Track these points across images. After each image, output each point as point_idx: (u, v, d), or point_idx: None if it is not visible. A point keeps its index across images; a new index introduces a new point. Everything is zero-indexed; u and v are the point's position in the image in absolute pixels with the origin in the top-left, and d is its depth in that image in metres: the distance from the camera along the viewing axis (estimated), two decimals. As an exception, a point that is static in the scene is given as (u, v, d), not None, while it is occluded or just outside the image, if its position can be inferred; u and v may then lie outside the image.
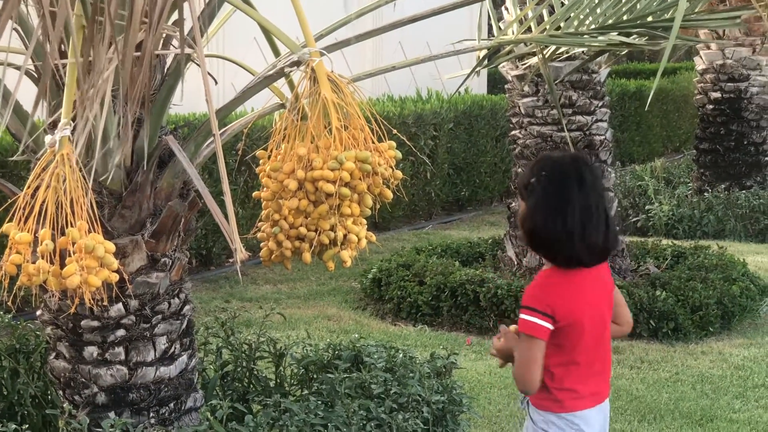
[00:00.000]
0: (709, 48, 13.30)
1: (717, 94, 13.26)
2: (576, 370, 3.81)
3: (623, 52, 7.86)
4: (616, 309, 3.97)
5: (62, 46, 3.90)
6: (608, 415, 3.99)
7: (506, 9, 8.89)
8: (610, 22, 5.33)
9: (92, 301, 3.58)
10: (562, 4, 5.98)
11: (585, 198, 3.70)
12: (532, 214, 3.74)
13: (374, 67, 5.62)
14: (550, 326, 3.67)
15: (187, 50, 3.94)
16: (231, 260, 10.44)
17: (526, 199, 3.78)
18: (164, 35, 3.91)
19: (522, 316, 3.71)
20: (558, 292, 3.72)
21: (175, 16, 3.88)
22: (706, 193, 12.92)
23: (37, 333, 5.19)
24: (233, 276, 10.01)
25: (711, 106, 13.35)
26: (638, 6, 5.28)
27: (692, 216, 12.31)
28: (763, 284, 9.21)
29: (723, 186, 13.02)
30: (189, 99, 5.89)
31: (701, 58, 13.48)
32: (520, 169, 9.13)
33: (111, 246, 3.55)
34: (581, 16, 5.38)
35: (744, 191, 12.72)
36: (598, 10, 5.37)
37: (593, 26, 5.38)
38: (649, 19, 5.25)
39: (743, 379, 7.06)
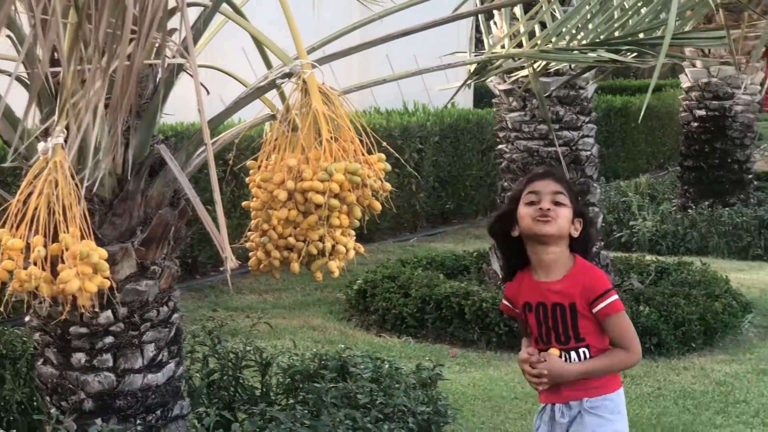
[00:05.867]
0: (694, 66, 13.38)
1: (702, 112, 13.34)
2: None
3: (610, 69, 7.91)
4: None
5: (55, 54, 3.92)
6: None
7: (495, 23, 8.94)
8: (602, 38, 5.38)
9: (85, 308, 3.60)
10: (554, 19, 6.03)
11: None
12: (590, 218, 4.07)
13: (361, 79, 5.66)
14: None
15: (179, 60, 3.97)
16: (220, 269, 10.45)
17: (579, 211, 4.00)
18: (156, 45, 3.94)
19: (614, 297, 3.91)
20: None
21: (169, 25, 3.92)
22: (690, 210, 12.98)
23: (24, 339, 5.20)
24: (219, 285, 10.02)
25: (696, 124, 13.42)
26: (630, 23, 5.33)
27: (676, 232, 12.37)
28: (745, 301, 9.26)
29: (707, 203, 13.08)
30: (177, 109, 5.93)
31: (687, 75, 13.56)
32: (506, 183, 9.16)
33: (104, 252, 3.58)
34: (573, 31, 5.43)
35: (727, 208, 12.78)
36: (590, 26, 5.42)
37: (584, 42, 5.43)
38: (641, 36, 5.30)
39: (725, 394, 7.10)
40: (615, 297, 3.90)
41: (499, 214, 4.13)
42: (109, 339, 4.29)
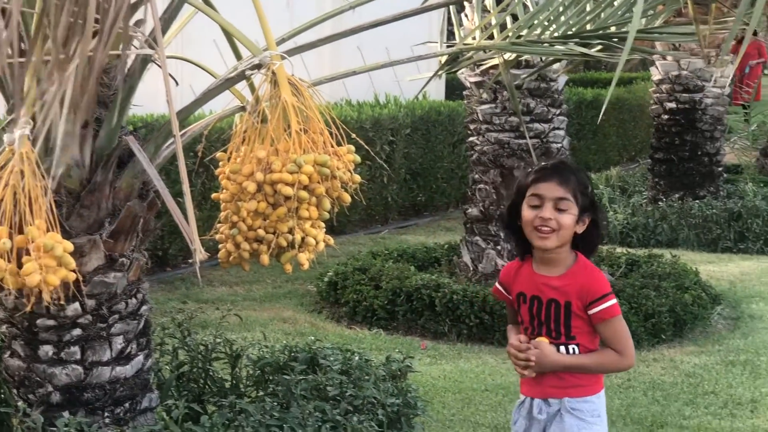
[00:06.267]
0: (664, 59, 13.42)
1: (672, 105, 13.38)
2: None
3: (580, 61, 7.94)
4: None
5: (22, 44, 3.89)
6: None
7: (466, 16, 8.94)
8: (574, 30, 5.38)
9: (49, 300, 3.58)
10: (526, 11, 6.03)
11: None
12: (598, 222, 3.98)
13: (332, 70, 5.65)
14: None
15: (147, 51, 3.95)
16: (190, 261, 10.41)
17: (586, 207, 3.93)
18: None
19: (612, 301, 3.89)
20: None
21: (137, 16, 3.90)
22: (660, 202, 13.03)
23: (-9, 331, 5.17)
24: (189, 277, 9.99)
25: (666, 116, 13.45)
26: (602, 15, 5.33)
27: (646, 225, 12.40)
28: (714, 293, 9.32)
29: (677, 195, 13.12)
30: (147, 100, 5.90)
31: (657, 68, 13.59)
32: (476, 176, 9.16)
33: (69, 245, 3.55)
34: (545, 24, 5.43)
35: (697, 201, 12.83)
36: (562, 19, 5.43)
37: (555, 34, 5.43)
38: (612, 29, 5.31)
39: (694, 386, 7.14)
40: (613, 301, 3.88)
41: (507, 205, 4.10)
42: (77, 331, 4.26)
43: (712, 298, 9.10)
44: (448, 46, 7.23)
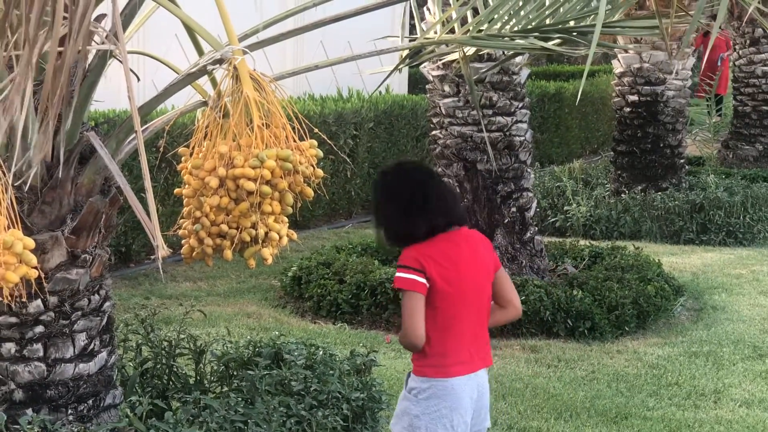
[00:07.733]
0: (626, 51, 13.46)
1: (634, 97, 13.43)
2: (450, 336, 4.13)
3: (542, 55, 7.94)
4: (497, 288, 4.29)
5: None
6: (483, 385, 4.26)
7: (428, 9, 8.94)
8: (533, 25, 5.39)
9: (10, 298, 3.56)
10: (486, 6, 6.04)
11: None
12: (386, 216, 4.45)
13: (295, 65, 5.65)
14: (424, 281, 4.07)
15: (109, 46, 3.93)
16: (152, 257, 10.35)
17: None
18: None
19: (397, 274, 4.15)
20: (427, 253, 4.14)
21: (97, 11, 3.88)
22: (623, 195, 13.07)
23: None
24: (153, 273, 9.95)
25: (628, 109, 13.50)
26: (561, 10, 5.34)
27: (609, 217, 12.45)
28: (677, 284, 9.37)
29: (639, 188, 13.17)
30: (109, 96, 5.88)
31: (619, 61, 13.64)
32: (440, 169, 9.18)
33: (30, 242, 3.53)
34: (505, 18, 5.44)
35: (660, 193, 12.88)
36: (522, 13, 5.44)
37: (516, 28, 5.44)
38: (571, 23, 5.32)
39: (657, 377, 7.18)
40: (399, 274, 4.14)
41: None
42: (40, 328, 4.24)
43: (675, 290, 9.16)
44: (410, 41, 7.23)
